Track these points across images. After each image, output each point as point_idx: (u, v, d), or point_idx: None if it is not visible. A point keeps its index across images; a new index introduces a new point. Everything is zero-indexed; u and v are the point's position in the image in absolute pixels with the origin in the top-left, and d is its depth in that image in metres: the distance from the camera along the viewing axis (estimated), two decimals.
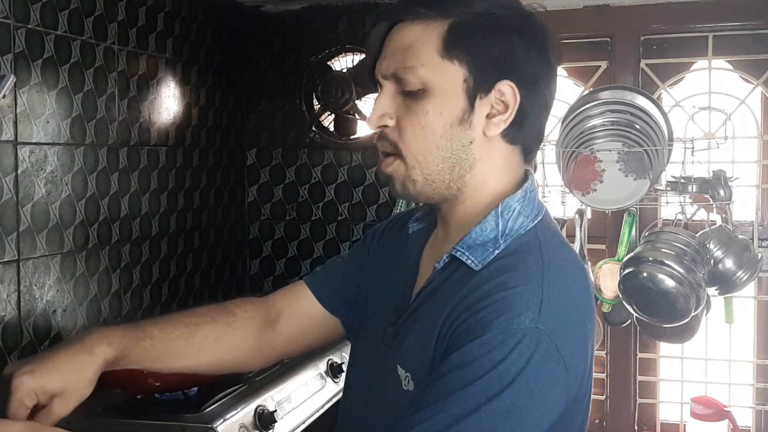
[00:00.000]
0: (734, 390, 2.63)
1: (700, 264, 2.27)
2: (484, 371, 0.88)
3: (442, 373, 0.91)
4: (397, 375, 1.00)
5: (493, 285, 0.93)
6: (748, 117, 2.58)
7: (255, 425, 1.96)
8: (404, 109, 1.00)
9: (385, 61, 1.01)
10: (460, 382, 0.88)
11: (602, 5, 2.64)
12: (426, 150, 1.00)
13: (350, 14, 2.85)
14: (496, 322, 0.90)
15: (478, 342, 0.89)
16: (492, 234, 1.00)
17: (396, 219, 1.26)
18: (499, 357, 0.88)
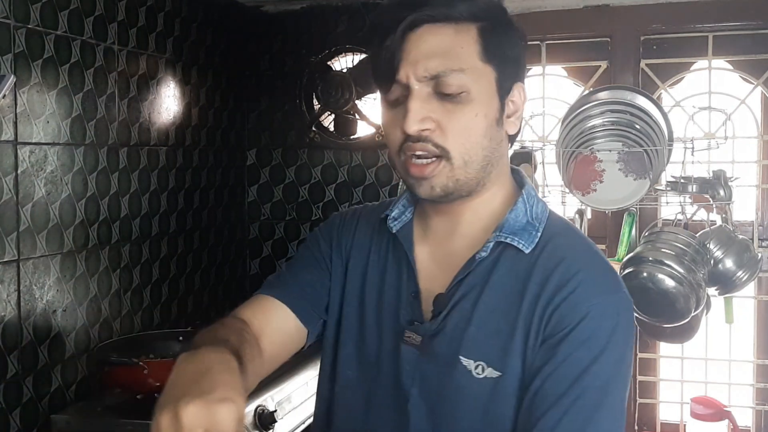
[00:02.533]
0: (734, 390, 2.63)
1: (700, 264, 2.27)
2: (603, 343, 0.97)
3: (565, 356, 0.97)
4: (462, 366, 1.03)
5: (570, 265, 1.01)
6: (748, 117, 2.58)
7: (255, 425, 1.96)
8: (443, 111, 1.00)
9: (420, 64, 0.99)
10: (587, 359, 0.97)
11: (602, 5, 2.64)
12: (472, 150, 1.02)
13: (350, 14, 2.84)
14: (595, 298, 0.99)
15: (587, 319, 0.98)
16: (524, 219, 1.07)
17: (360, 217, 1.21)
18: (609, 326, 0.98)
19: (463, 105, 1.00)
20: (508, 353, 1.01)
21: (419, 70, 0.99)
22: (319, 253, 1.20)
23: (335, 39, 2.86)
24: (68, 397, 2.02)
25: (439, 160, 1.01)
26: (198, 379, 0.85)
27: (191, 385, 0.84)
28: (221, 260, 2.82)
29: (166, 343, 2.13)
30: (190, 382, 0.84)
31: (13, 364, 1.84)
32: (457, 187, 1.04)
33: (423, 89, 1.00)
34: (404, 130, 1.00)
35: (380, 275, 1.14)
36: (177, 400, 0.80)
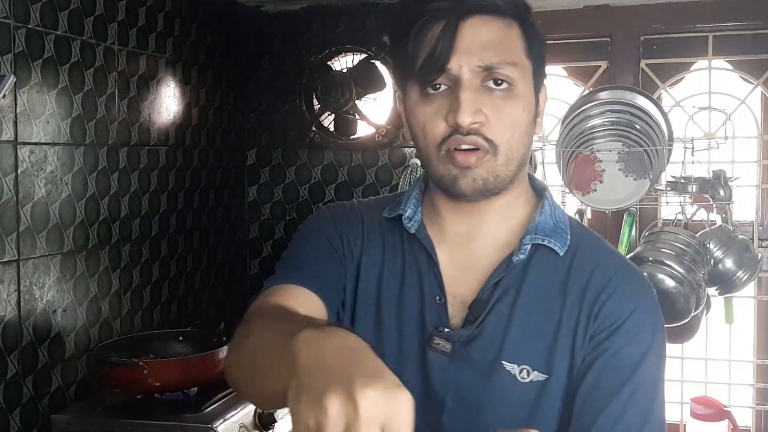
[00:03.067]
0: (734, 390, 2.63)
1: (700, 264, 2.27)
2: (650, 338, 0.99)
3: (616, 350, 0.98)
4: (506, 370, 1.01)
5: (607, 266, 1.03)
6: (748, 117, 2.58)
7: (255, 425, 1.97)
8: (492, 105, 0.97)
9: (474, 54, 0.96)
10: (638, 354, 0.98)
11: (602, 5, 2.64)
12: (516, 146, 1.00)
13: (350, 14, 2.84)
14: (638, 296, 1.02)
15: (634, 315, 0.99)
16: (551, 222, 1.06)
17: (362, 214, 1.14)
18: (653, 323, 1.01)
19: (512, 99, 0.98)
20: (555, 354, 1.00)
21: (473, 60, 0.96)
22: (331, 246, 1.11)
23: (335, 39, 2.86)
24: (68, 397, 2.02)
25: (485, 153, 0.98)
26: (354, 360, 0.67)
27: (349, 366, 0.66)
28: (221, 260, 2.82)
29: (166, 343, 2.14)
30: (345, 362, 0.67)
31: (13, 364, 1.84)
32: (496, 184, 1.01)
33: (473, 80, 0.97)
34: (456, 121, 0.96)
35: (398, 279, 1.08)
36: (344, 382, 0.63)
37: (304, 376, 0.67)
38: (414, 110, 1.01)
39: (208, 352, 1.98)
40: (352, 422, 0.61)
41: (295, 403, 0.65)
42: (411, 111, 1.02)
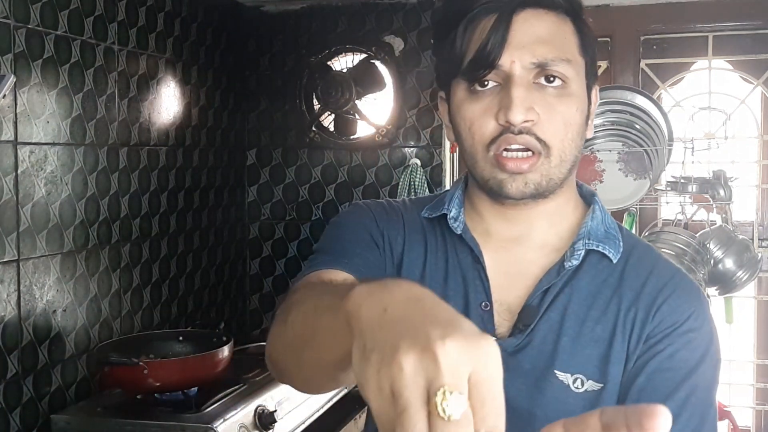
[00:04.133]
0: (734, 390, 2.63)
1: (700, 264, 2.27)
2: (707, 344, 0.96)
3: (671, 353, 0.94)
4: (558, 380, 0.95)
5: (663, 271, 0.99)
6: (748, 117, 2.58)
7: (255, 425, 1.96)
8: (544, 103, 0.92)
9: (528, 50, 0.91)
10: (694, 360, 0.94)
11: (602, 5, 2.64)
12: (569, 147, 0.95)
13: (350, 14, 2.85)
14: (694, 301, 0.98)
15: (691, 320, 0.96)
16: (602, 227, 1.02)
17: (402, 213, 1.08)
18: (709, 329, 0.97)
19: (566, 98, 0.94)
20: (609, 362, 0.95)
21: (526, 55, 0.91)
22: (373, 240, 1.04)
23: (335, 39, 2.86)
24: (68, 397, 2.02)
25: (538, 156, 0.93)
26: (424, 310, 0.57)
27: (420, 316, 0.56)
28: (221, 260, 2.82)
29: (166, 343, 2.14)
30: (414, 313, 0.57)
31: (13, 364, 1.84)
32: (548, 187, 0.96)
33: (525, 77, 0.92)
34: (508, 119, 0.91)
35: (441, 283, 1.02)
36: (417, 335, 0.53)
37: (368, 333, 0.57)
38: (460, 108, 0.96)
39: (208, 352, 1.98)
40: (434, 377, 0.51)
41: (363, 366, 0.55)
42: (457, 109, 0.97)
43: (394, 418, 0.51)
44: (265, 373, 2.19)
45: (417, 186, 2.72)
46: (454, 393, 0.50)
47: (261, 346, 2.72)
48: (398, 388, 0.51)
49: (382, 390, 0.52)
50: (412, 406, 0.50)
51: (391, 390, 0.52)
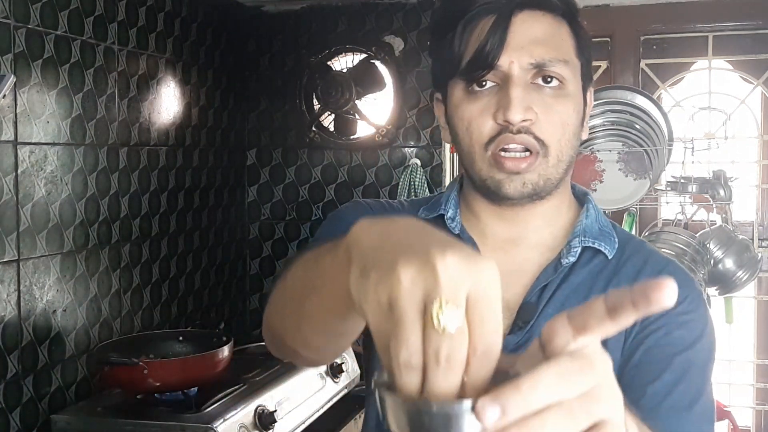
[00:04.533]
0: (734, 390, 2.63)
1: (700, 264, 2.27)
2: (702, 327, 0.97)
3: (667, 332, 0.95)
4: None
5: (658, 261, 1.02)
6: (748, 117, 2.58)
7: (255, 425, 1.96)
8: (542, 103, 0.94)
9: (526, 50, 0.93)
10: (689, 339, 0.96)
11: (602, 5, 2.64)
12: (565, 148, 0.97)
13: (350, 14, 2.85)
14: (690, 287, 0.99)
15: (686, 303, 0.97)
16: (596, 225, 1.03)
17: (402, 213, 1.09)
18: (704, 315, 0.99)
19: (563, 98, 0.95)
20: (606, 348, 0.94)
21: (524, 56, 0.93)
22: None
23: (335, 39, 2.86)
24: (68, 397, 2.02)
25: (536, 156, 0.94)
26: (425, 233, 0.57)
27: (421, 238, 0.55)
28: (221, 260, 2.82)
29: (166, 343, 2.14)
30: (415, 235, 0.56)
31: (13, 364, 1.84)
32: (545, 187, 0.97)
33: (523, 77, 0.93)
34: (506, 118, 0.92)
35: None
36: (417, 251, 0.52)
37: (369, 254, 0.56)
38: (458, 108, 0.97)
39: (208, 352, 1.98)
40: (431, 289, 0.50)
41: (362, 283, 0.54)
42: (454, 110, 0.97)
43: (391, 332, 0.51)
44: (265, 373, 2.19)
45: (417, 186, 2.72)
46: (450, 305, 0.49)
47: (261, 346, 2.73)
48: (395, 299, 0.51)
49: (380, 304, 0.52)
50: (407, 316, 0.50)
51: (388, 303, 0.51)
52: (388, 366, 0.52)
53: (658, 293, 0.50)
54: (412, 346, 0.50)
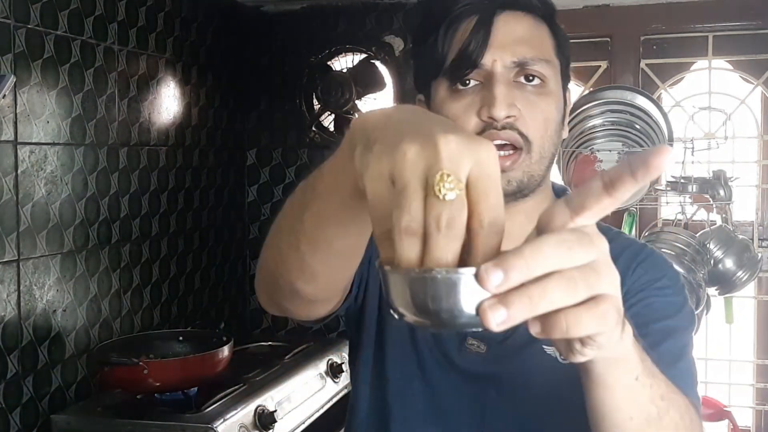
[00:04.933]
0: (734, 390, 2.63)
1: (700, 264, 2.27)
2: (681, 303, 1.01)
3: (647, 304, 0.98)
4: (547, 355, 1.00)
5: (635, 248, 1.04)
6: (748, 117, 2.58)
7: (255, 425, 1.96)
8: (524, 100, 0.96)
9: (509, 49, 0.95)
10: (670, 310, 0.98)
11: (602, 5, 2.64)
12: (547, 144, 0.98)
13: (350, 14, 2.84)
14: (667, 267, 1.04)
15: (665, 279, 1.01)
16: None
17: None
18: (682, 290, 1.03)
19: (545, 96, 0.97)
20: None
21: (507, 55, 0.95)
22: None
23: (335, 39, 2.86)
24: (68, 397, 2.02)
25: (519, 153, 0.96)
26: (428, 116, 0.61)
27: (424, 120, 0.58)
28: (221, 260, 2.82)
29: (166, 343, 2.14)
30: (419, 117, 0.59)
31: (13, 364, 1.84)
32: (529, 184, 0.99)
33: (506, 75, 0.96)
34: (491, 115, 0.93)
35: None
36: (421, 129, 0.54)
37: (373, 132, 0.57)
38: (442, 107, 0.98)
39: (208, 352, 1.98)
40: (434, 163, 0.52)
41: (365, 156, 0.56)
42: (439, 108, 0.98)
43: (389, 204, 0.53)
44: (265, 373, 2.19)
45: None
46: (451, 176, 0.51)
47: (261, 346, 2.74)
48: (399, 171, 0.52)
49: (381, 175, 0.54)
50: (410, 185, 0.52)
51: (390, 175, 0.53)
52: (381, 237, 0.53)
53: (657, 158, 0.51)
54: (414, 211, 0.51)
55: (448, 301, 0.52)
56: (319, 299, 0.88)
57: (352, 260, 0.80)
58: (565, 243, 0.52)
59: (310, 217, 0.73)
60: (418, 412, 1.04)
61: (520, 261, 0.51)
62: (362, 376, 1.09)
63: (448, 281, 0.51)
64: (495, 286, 0.50)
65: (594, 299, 0.53)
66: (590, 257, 0.53)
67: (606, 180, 0.53)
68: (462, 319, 0.52)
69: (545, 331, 0.53)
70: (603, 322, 0.54)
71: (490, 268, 0.50)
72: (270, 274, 0.86)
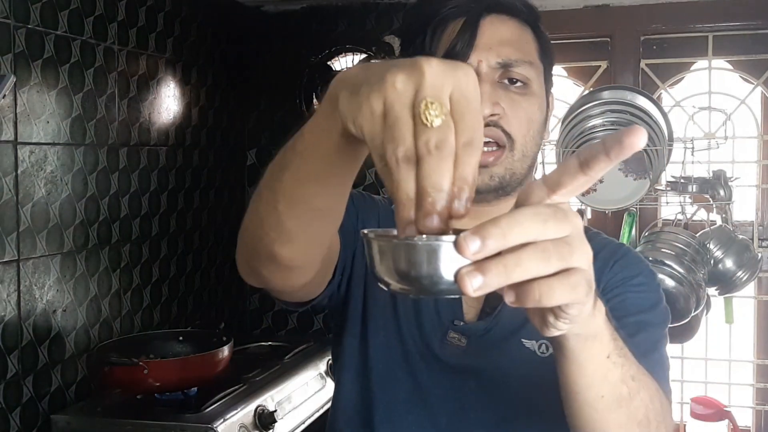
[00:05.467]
0: (734, 390, 2.63)
1: (700, 264, 2.27)
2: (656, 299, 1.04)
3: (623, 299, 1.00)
4: (526, 348, 1.03)
5: (613, 246, 1.08)
6: (748, 117, 2.58)
7: (255, 425, 1.97)
8: (508, 100, 0.99)
9: (494, 50, 0.99)
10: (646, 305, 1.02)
11: (602, 5, 2.64)
12: (530, 144, 1.02)
13: (350, 14, 2.84)
14: (643, 265, 1.08)
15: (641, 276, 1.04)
16: None
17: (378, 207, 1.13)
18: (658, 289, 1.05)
19: (528, 97, 1.01)
20: None
21: (492, 56, 0.99)
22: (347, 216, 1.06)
23: (335, 39, 2.86)
24: (68, 397, 2.02)
25: (502, 150, 1.00)
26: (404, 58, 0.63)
27: (401, 60, 0.61)
28: (221, 260, 2.81)
29: (166, 343, 2.14)
30: (396, 60, 0.62)
31: (13, 364, 1.84)
32: (510, 181, 1.02)
33: (491, 75, 0.99)
34: None
35: None
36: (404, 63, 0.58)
37: (355, 80, 0.60)
38: None
39: (208, 352, 1.98)
40: (419, 89, 0.56)
41: (353, 99, 0.59)
42: None
43: (386, 137, 0.56)
44: (265, 373, 2.19)
45: None
46: (435, 103, 0.55)
47: (261, 346, 2.73)
48: (390, 102, 0.56)
49: (373, 112, 0.57)
50: (401, 116, 0.56)
51: (382, 110, 0.57)
52: (385, 171, 0.57)
53: (631, 137, 0.54)
54: (407, 141, 0.55)
55: (429, 268, 0.55)
56: (296, 265, 0.89)
57: (330, 221, 0.82)
58: (541, 216, 0.55)
59: (289, 176, 0.75)
60: (400, 401, 1.07)
61: (497, 230, 0.53)
62: (347, 363, 1.11)
63: (429, 248, 0.55)
64: (473, 252, 0.53)
65: (566, 271, 0.56)
66: (565, 231, 0.56)
67: (581, 159, 0.56)
68: (442, 285, 0.55)
69: (519, 300, 0.56)
70: (574, 292, 0.56)
71: (469, 235, 0.53)
72: (249, 240, 0.89)
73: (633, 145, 0.54)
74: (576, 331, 0.67)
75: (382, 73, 0.58)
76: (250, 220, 0.87)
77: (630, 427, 0.80)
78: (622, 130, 0.55)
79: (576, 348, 0.71)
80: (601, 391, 0.76)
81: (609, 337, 0.73)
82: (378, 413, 1.08)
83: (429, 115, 0.55)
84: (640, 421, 0.80)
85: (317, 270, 0.96)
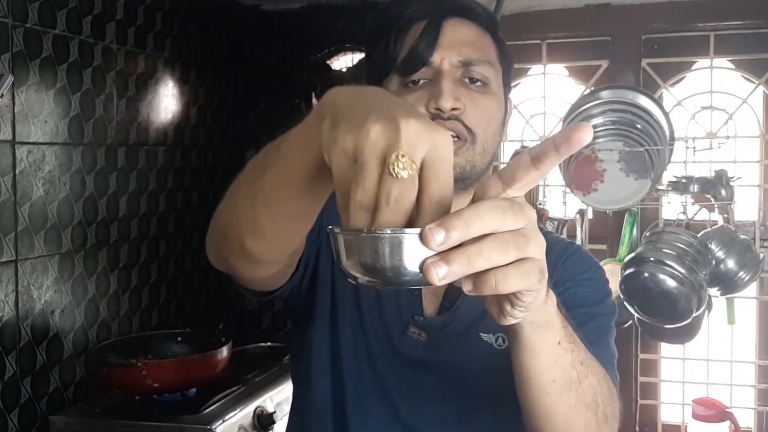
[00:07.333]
0: (736, 391, 2.62)
1: (701, 264, 2.26)
2: (604, 293, 1.10)
3: (573, 293, 1.05)
4: (484, 342, 1.08)
5: (564, 245, 1.14)
6: (750, 116, 2.57)
7: (254, 426, 1.96)
8: (469, 96, 1.04)
9: (455, 50, 1.05)
10: (594, 298, 1.07)
11: (603, 4, 2.63)
12: (490, 139, 1.07)
13: (350, 14, 2.84)
14: (592, 262, 1.14)
15: (590, 272, 1.11)
16: None
17: None
18: (605, 285, 1.12)
19: (488, 95, 1.06)
20: None
21: (454, 54, 1.04)
22: None
23: (335, 38, 2.85)
24: (66, 398, 2.02)
25: (464, 142, 1.04)
26: (393, 100, 0.66)
27: (390, 103, 0.63)
28: None
29: (164, 343, 2.13)
30: (385, 100, 0.65)
31: (11, 364, 1.84)
32: (471, 174, 1.06)
33: (453, 73, 1.04)
34: (438, 106, 1.02)
35: None
36: (386, 112, 0.60)
37: (342, 109, 0.63)
38: None
39: (206, 353, 1.98)
40: (393, 144, 0.58)
41: (332, 131, 0.62)
42: None
43: (351, 177, 0.59)
44: (264, 373, 2.18)
45: None
46: (406, 158, 0.57)
47: (260, 347, 2.73)
48: (360, 148, 0.59)
49: (345, 151, 0.60)
50: (369, 163, 0.58)
51: (353, 152, 0.59)
52: (343, 207, 0.60)
53: (578, 133, 0.58)
54: (368, 187, 0.58)
55: (393, 259, 0.57)
56: (265, 260, 0.90)
57: (303, 225, 0.84)
58: (500, 209, 0.58)
59: (270, 177, 0.76)
60: (366, 393, 1.10)
61: (460, 222, 0.56)
62: (316, 357, 1.13)
63: (394, 240, 0.57)
64: (438, 243, 0.56)
65: (521, 260, 0.59)
66: (521, 223, 0.59)
67: (533, 154, 0.60)
68: (407, 277, 0.57)
69: (477, 288, 0.59)
70: (527, 279, 0.60)
71: (434, 227, 0.56)
72: (222, 228, 0.88)
73: (580, 140, 0.58)
74: (530, 319, 0.71)
75: (365, 115, 0.60)
76: (226, 210, 0.87)
77: (579, 408, 0.85)
78: (569, 126, 0.59)
79: (530, 335, 0.76)
80: (552, 375, 0.81)
81: (560, 325, 0.78)
82: (350, 404, 1.12)
83: (397, 166, 0.57)
84: (589, 403, 0.86)
85: (284, 263, 0.99)
